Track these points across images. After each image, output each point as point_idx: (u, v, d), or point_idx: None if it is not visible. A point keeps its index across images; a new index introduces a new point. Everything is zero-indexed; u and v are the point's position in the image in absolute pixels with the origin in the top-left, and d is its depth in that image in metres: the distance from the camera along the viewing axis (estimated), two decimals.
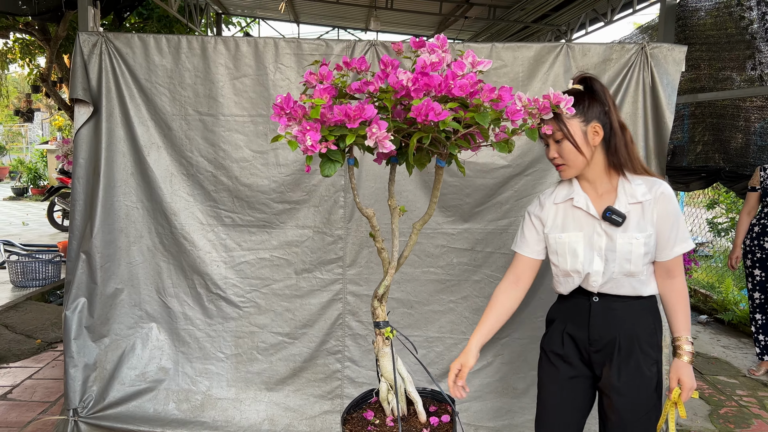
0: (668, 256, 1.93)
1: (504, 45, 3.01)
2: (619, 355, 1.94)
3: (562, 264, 1.99)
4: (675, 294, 1.96)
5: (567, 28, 9.03)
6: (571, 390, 2.05)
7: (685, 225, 1.95)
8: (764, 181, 4.25)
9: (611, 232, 1.91)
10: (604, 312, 1.96)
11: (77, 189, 3.08)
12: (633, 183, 1.92)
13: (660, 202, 1.90)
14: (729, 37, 5.60)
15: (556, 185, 2.08)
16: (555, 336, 2.08)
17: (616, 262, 1.91)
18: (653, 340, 1.97)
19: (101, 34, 3.01)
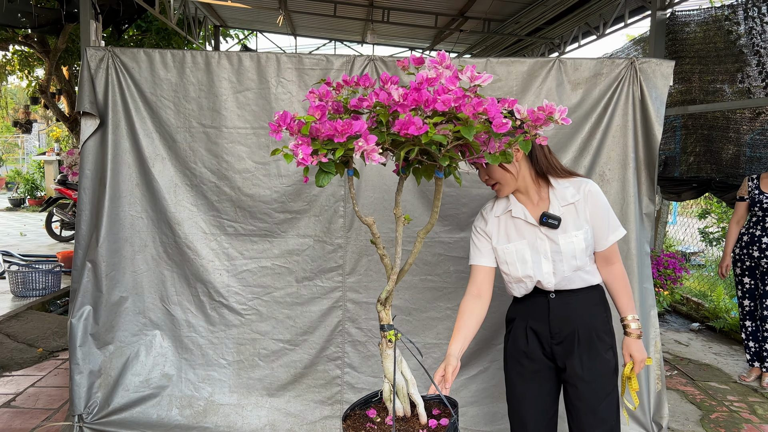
0: (605, 245, 2.12)
1: (498, 60, 3.12)
2: (579, 345, 2.11)
3: (513, 272, 2.14)
4: (616, 279, 2.16)
5: (560, 41, 9.19)
6: (538, 383, 2.20)
7: (614, 215, 2.14)
8: (752, 191, 4.36)
9: (552, 235, 2.07)
10: (561, 307, 2.13)
11: (83, 199, 3.16)
12: (561, 187, 2.09)
13: (589, 199, 2.09)
14: (718, 51, 5.74)
15: (494, 200, 2.23)
16: (519, 333, 2.21)
17: (563, 262, 2.07)
18: (607, 327, 2.16)
19: (108, 49, 3.10)
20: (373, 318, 3.28)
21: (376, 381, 3.28)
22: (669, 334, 5.71)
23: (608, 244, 2.12)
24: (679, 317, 6.38)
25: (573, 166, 3.15)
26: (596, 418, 2.11)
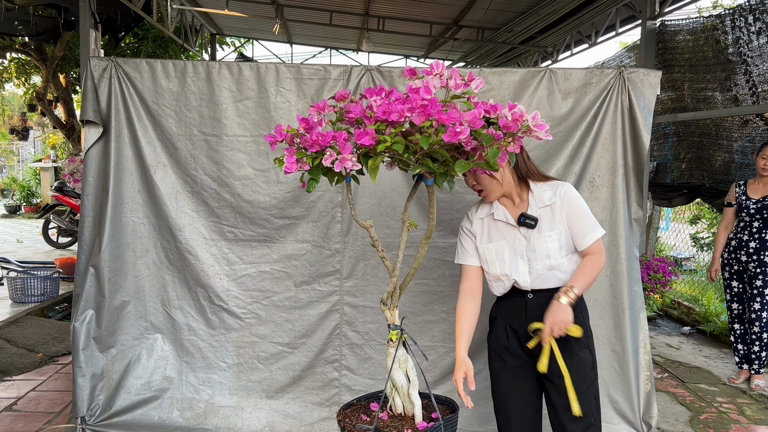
0: (585, 244, 2.24)
1: (491, 70, 3.21)
2: (556, 343, 2.19)
3: (492, 270, 2.29)
4: (586, 261, 2.23)
5: (553, 49, 9.32)
6: (522, 378, 2.32)
7: (592, 217, 2.26)
8: (739, 196, 4.46)
9: (528, 234, 2.22)
10: (538, 307, 2.23)
11: (86, 206, 3.23)
12: (540, 190, 2.24)
13: (565, 201, 2.22)
14: (707, 59, 5.86)
15: (479, 202, 2.37)
16: (500, 331, 2.35)
17: (538, 261, 2.21)
18: (582, 326, 2.21)
19: (111, 59, 3.18)
20: (370, 321, 3.36)
21: (373, 383, 3.35)
22: (661, 338, 5.80)
23: (588, 243, 2.23)
24: (671, 321, 6.48)
25: (564, 173, 3.24)
26: None
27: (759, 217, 4.34)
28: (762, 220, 4.33)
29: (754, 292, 4.38)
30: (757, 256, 4.35)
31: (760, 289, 4.34)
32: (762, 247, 4.33)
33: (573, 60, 9.63)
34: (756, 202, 4.34)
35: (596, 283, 3.24)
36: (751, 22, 5.10)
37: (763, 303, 4.35)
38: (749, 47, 5.17)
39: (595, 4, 6.97)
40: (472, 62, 11.29)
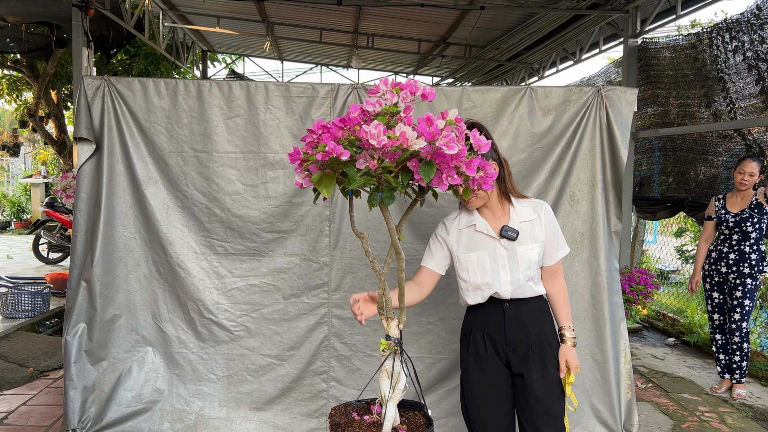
0: (553, 261, 2.40)
1: (474, 88, 3.32)
2: (533, 351, 2.32)
3: (473, 279, 2.34)
4: (559, 291, 2.42)
5: (539, 66, 9.48)
6: (500, 391, 2.36)
7: (562, 235, 2.44)
8: (719, 210, 4.58)
9: (510, 246, 2.31)
10: (516, 314, 2.34)
11: (79, 221, 3.30)
12: (520, 206, 2.36)
13: (545, 219, 2.36)
14: (687, 76, 6.02)
15: (458, 212, 2.44)
16: (478, 342, 2.38)
17: (519, 270, 2.30)
18: (554, 334, 2.40)
19: (104, 78, 3.26)
20: (357, 333, 3.43)
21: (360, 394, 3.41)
22: (646, 349, 5.89)
23: (556, 260, 2.40)
24: (656, 332, 6.58)
25: (545, 187, 3.34)
26: (549, 416, 2.31)
27: (738, 230, 4.46)
28: (741, 233, 4.45)
29: (734, 302, 4.49)
30: (736, 268, 4.46)
31: (740, 300, 4.45)
32: (741, 259, 4.44)
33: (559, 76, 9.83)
34: (734, 215, 4.46)
35: (577, 295, 3.33)
36: (728, 40, 5.26)
37: (742, 313, 4.46)
38: (726, 65, 5.32)
39: (579, 22, 7.14)
40: (459, 78, 11.46)
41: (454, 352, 3.43)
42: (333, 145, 1.63)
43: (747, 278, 4.43)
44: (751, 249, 4.44)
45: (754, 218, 4.39)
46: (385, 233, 3.35)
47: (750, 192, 4.44)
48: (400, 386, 2.12)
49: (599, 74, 8.22)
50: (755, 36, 4.92)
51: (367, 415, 2.10)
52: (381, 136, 1.62)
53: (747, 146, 5.34)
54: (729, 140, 5.65)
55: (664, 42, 6.24)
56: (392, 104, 1.75)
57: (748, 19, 4.97)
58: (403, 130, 1.63)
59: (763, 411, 4.34)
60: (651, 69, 6.51)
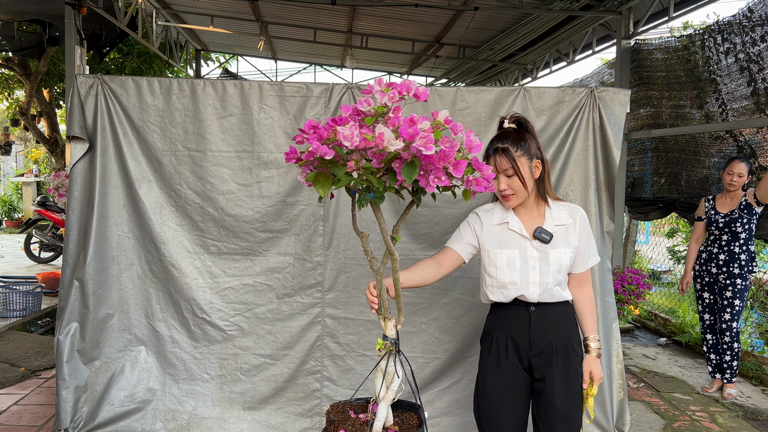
0: (583, 268, 2.32)
1: (468, 89, 3.33)
2: (557, 356, 2.24)
3: (500, 276, 2.26)
4: (586, 300, 2.35)
5: (533, 67, 9.51)
6: (516, 394, 2.29)
7: (594, 242, 2.35)
8: (708, 211, 4.61)
9: (543, 248, 2.23)
10: (541, 319, 2.26)
11: (72, 220, 3.29)
12: (557, 209, 2.28)
13: (580, 225, 2.28)
14: (680, 78, 6.05)
15: (492, 206, 2.36)
16: (500, 345, 2.30)
17: (549, 273, 2.23)
18: (579, 340, 2.33)
19: (97, 76, 3.25)
20: (351, 333, 3.43)
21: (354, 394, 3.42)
22: (638, 349, 5.92)
23: (585, 268, 2.32)
24: (648, 332, 6.61)
25: None
26: (568, 423, 2.25)
27: (727, 231, 4.49)
28: (730, 234, 4.48)
29: (725, 303, 4.52)
30: (726, 268, 4.49)
31: (730, 300, 4.48)
32: (731, 260, 4.47)
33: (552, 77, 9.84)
34: (724, 216, 4.49)
35: None
36: (719, 42, 5.30)
37: (733, 313, 4.49)
38: (718, 66, 5.36)
39: (572, 23, 7.16)
40: (453, 79, 11.48)
41: (447, 352, 3.44)
42: (317, 145, 1.63)
43: (737, 278, 4.47)
44: (740, 249, 4.47)
45: (743, 219, 4.42)
46: (379, 233, 3.35)
47: (739, 193, 4.47)
48: (394, 386, 2.11)
49: (592, 75, 8.26)
50: (747, 38, 4.95)
51: (363, 414, 2.10)
52: (354, 138, 1.61)
53: (738, 147, 5.38)
54: (721, 141, 5.69)
55: (657, 43, 6.28)
56: (381, 104, 1.73)
57: (740, 21, 5.00)
58: (381, 131, 1.61)
59: (754, 410, 4.37)
60: (644, 70, 6.55)
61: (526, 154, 2.19)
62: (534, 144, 2.22)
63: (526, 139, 2.20)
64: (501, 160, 2.17)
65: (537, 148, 2.23)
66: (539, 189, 2.28)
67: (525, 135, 2.21)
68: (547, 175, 2.28)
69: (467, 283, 3.41)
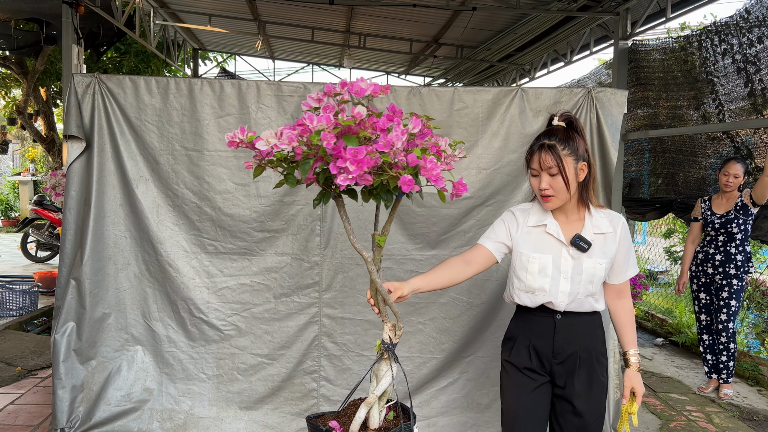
0: (621, 279, 2.22)
1: (465, 89, 3.33)
2: (580, 366, 2.17)
3: (529, 281, 2.16)
4: (625, 312, 2.26)
5: (530, 67, 9.52)
6: (537, 400, 2.22)
7: (634, 253, 2.24)
8: (705, 212, 4.62)
9: (577, 256, 2.13)
10: (567, 327, 2.18)
11: (68, 219, 3.28)
12: (598, 216, 2.17)
13: (620, 235, 2.17)
14: (677, 78, 6.06)
15: (529, 206, 2.26)
16: (521, 351, 2.22)
17: (581, 284, 2.13)
18: (605, 350, 2.25)
19: (95, 75, 3.25)
20: (348, 332, 3.43)
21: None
22: None
23: (624, 279, 2.22)
24: (645, 333, 6.62)
25: None
26: None
27: (723, 231, 4.50)
28: (726, 234, 4.49)
29: (721, 303, 4.53)
30: (722, 269, 4.50)
31: (726, 301, 4.49)
32: (727, 260, 4.48)
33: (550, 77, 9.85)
34: (720, 216, 4.50)
35: None
36: (717, 43, 5.30)
37: (729, 314, 4.50)
38: (715, 67, 5.37)
39: (570, 24, 7.17)
40: (451, 79, 11.48)
41: (444, 352, 3.44)
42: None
43: (733, 279, 4.48)
44: (736, 250, 4.48)
45: (739, 219, 4.43)
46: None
47: (735, 193, 4.48)
48: (379, 390, 2.10)
49: (590, 76, 8.26)
50: (744, 39, 4.96)
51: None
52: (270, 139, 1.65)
53: (735, 148, 5.39)
54: (718, 142, 5.69)
55: (654, 44, 6.28)
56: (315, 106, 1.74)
57: (737, 22, 5.01)
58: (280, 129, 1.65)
59: (750, 410, 4.38)
60: (641, 71, 6.55)
61: (573, 154, 2.08)
62: (582, 145, 2.11)
63: (575, 139, 2.09)
64: (546, 157, 2.06)
65: (585, 150, 2.12)
66: (581, 193, 2.16)
67: (574, 135, 2.10)
68: (592, 179, 2.16)
69: (464, 283, 3.39)
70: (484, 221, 3.38)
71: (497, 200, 3.39)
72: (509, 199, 3.38)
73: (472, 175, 3.34)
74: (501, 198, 3.38)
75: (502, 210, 3.36)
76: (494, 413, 3.43)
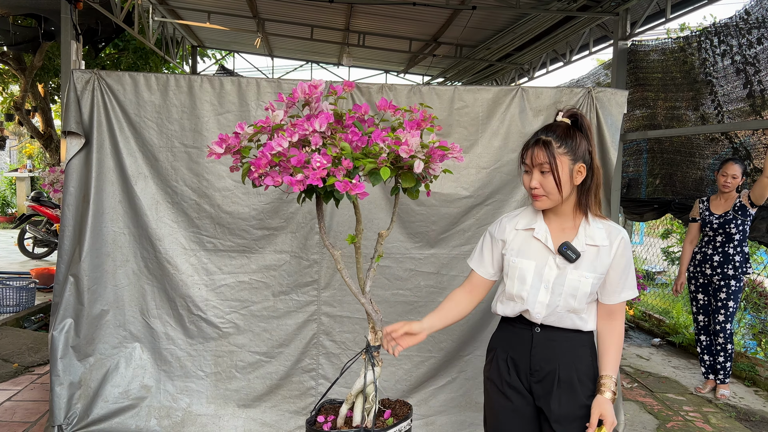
0: (614, 300, 1.98)
1: (466, 88, 3.33)
2: (559, 386, 1.96)
3: (509, 287, 2.02)
4: (613, 335, 2.00)
5: (530, 67, 9.52)
6: (522, 420, 2.04)
7: (634, 274, 2.00)
8: (703, 212, 4.63)
9: (563, 266, 1.94)
10: (545, 342, 1.99)
11: (67, 215, 3.27)
12: (593, 225, 1.95)
13: (618, 249, 1.94)
14: (676, 79, 6.07)
15: (521, 210, 2.11)
16: (500, 364, 2.07)
17: (561, 296, 1.95)
18: (591, 372, 2.00)
19: (94, 71, 3.24)
20: (346, 331, 3.43)
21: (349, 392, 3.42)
22: (632, 349, 5.94)
23: (618, 300, 1.99)
24: (642, 333, 6.63)
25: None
26: None
27: (722, 232, 4.50)
28: (724, 235, 4.50)
29: (719, 304, 4.54)
30: (720, 270, 4.51)
31: (724, 302, 4.50)
32: (725, 261, 4.49)
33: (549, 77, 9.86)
34: (718, 217, 4.51)
35: None
36: (716, 44, 5.31)
37: (726, 315, 4.51)
38: (714, 68, 5.37)
39: (569, 24, 7.17)
40: (450, 78, 11.48)
41: (442, 351, 3.44)
42: None
43: (731, 280, 4.48)
44: (734, 251, 4.49)
45: (737, 220, 4.44)
46: (375, 231, 3.35)
47: (734, 194, 4.49)
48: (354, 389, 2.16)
49: (588, 76, 8.27)
50: (743, 40, 4.97)
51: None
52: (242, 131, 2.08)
53: (734, 149, 5.40)
54: (716, 143, 5.70)
55: (654, 45, 6.29)
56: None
57: (736, 24, 5.02)
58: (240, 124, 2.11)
59: (746, 411, 4.39)
60: (640, 71, 6.56)
61: (570, 153, 1.89)
62: (584, 145, 1.92)
63: (575, 138, 1.90)
64: (539, 153, 1.89)
65: (587, 152, 1.93)
66: (580, 199, 1.97)
67: (575, 133, 1.92)
68: (595, 185, 1.96)
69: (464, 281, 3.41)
70: (483, 220, 3.38)
71: (496, 199, 3.39)
72: (508, 199, 3.38)
73: (471, 174, 3.35)
74: (500, 197, 3.38)
75: (502, 209, 3.37)
76: None
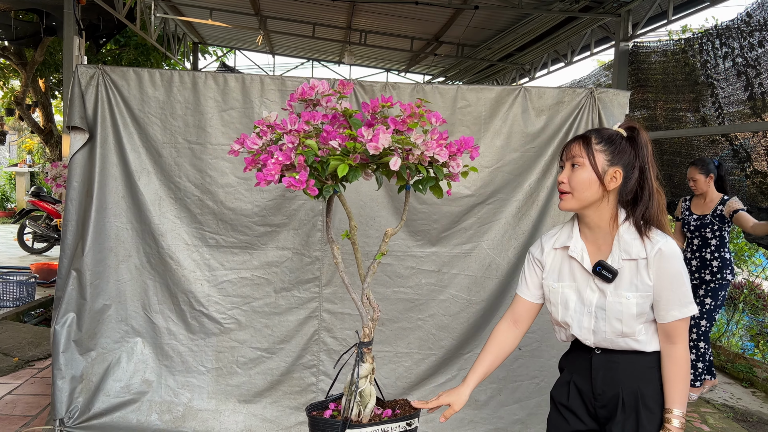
0: (664, 319, 1.77)
1: (468, 87, 3.35)
2: (623, 411, 1.82)
3: (554, 313, 1.92)
4: (671, 362, 1.79)
5: (531, 67, 9.54)
6: None
7: (689, 288, 1.75)
8: (684, 211, 4.59)
9: (603, 288, 1.80)
10: (605, 366, 1.86)
11: (70, 210, 3.28)
12: (626, 237, 1.78)
13: (656, 261, 1.73)
14: (677, 81, 6.09)
15: (558, 228, 1.97)
16: (562, 387, 1.98)
17: (606, 321, 1.80)
18: (659, 397, 1.82)
19: (99, 67, 3.24)
20: (348, 327, 3.44)
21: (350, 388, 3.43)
22: None
23: (669, 319, 1.75)
24: None
25: (536, 187, 3.37)
26: None
27: (698, 235, 4.44)
28: (700, 238, 4.44)
29: (696, 300, 4.50)
30: (698, 275, 4.44)
31: (701, 298, 4.43)
32: (702, 266, 4.42)
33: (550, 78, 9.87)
34: (696, 218, 4.44)
35: None
36: (717, 46, 5.33)
37: (702, 311, 4.43)
38: (716, 70, 5.39)
39: (571, 24, 7.19)
40: (451, 77, 11.49)
41: (443, 348, 3.46)
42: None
43: (709, 284, 4.41)
44: (712, 256, 4.40)
45: (714, 225, 4.37)
46: (376, 229, 3.37)
47: (716, 197, 4.40)
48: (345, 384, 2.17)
49: (589, 77, 8.28)
50: (745, 43, 4.99)
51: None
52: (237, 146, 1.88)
53: (734, 151, 5.42)
54: (716, 145, 5.72)
55: (655, 46, 6.31)
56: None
57: (738, 26, 5.04)
58: None
59: (744, 411, 4.42)
60: (641, 73, 6.58)
61: (609, 153, 1.76)
62: (631, 154, 1.77)
63: (621, 145, 1.78)
64: (574, 146, 1.79)
65: (631, 163, 1.76)
66: (630, 211, 1.80)
67: (623, 141, 1.78)
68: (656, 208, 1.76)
69: (464, 280, 3.43)
70: (484, 219, 3.40)
71: (498, 198, 3.40)
72: (510, 198, 3.39)
73: (473, 173, 3.35)
74: (502, 196, 3.40)
75: (503, 208, 3.39)
76: (491, 410, 3.46)
